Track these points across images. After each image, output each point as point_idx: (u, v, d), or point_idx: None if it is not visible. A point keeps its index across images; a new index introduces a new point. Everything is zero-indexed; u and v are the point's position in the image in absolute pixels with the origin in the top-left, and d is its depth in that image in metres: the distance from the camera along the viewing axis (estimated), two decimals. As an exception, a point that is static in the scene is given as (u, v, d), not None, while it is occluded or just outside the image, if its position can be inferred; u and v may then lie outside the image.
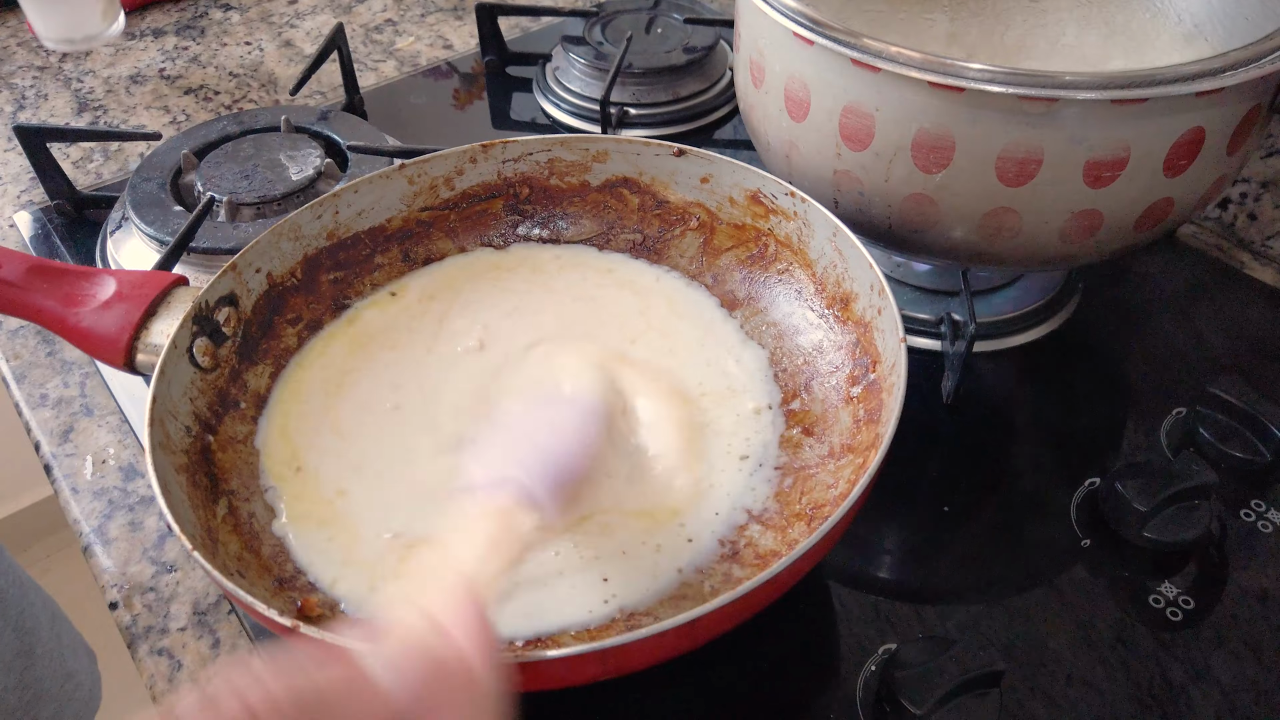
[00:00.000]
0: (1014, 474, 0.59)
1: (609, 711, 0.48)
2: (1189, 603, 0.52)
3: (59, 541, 1.75)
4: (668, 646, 0.39)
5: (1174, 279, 0.71)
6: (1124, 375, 0.65)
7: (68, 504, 0.59)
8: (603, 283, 0.62)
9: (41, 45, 1.01)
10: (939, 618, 0.51)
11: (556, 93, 0.89)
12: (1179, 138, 0.51)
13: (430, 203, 0.63)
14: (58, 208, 0.78)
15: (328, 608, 0.46)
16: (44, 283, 0.52)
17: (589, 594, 0.46)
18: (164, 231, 0.68)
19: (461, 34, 1.02)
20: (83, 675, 0.80)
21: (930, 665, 0.45)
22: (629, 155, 0.62)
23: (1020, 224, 0.54)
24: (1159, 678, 0.49)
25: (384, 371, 0.56)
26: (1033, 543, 0.55)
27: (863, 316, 0.54)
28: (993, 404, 0.63)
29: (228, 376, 0.54)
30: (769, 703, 0.48)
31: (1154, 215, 0.54)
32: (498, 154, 0.62)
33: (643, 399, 0.54)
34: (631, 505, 0.49)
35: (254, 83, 0.95)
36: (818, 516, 0.49)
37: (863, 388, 0.53)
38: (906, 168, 0.53)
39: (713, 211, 0.62)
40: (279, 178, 0.71)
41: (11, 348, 0.69)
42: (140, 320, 0.52)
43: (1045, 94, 0.48)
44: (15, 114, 0.92)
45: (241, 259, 0.55)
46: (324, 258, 0.60)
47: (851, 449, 0.51)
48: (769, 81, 0.58)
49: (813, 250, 0.58)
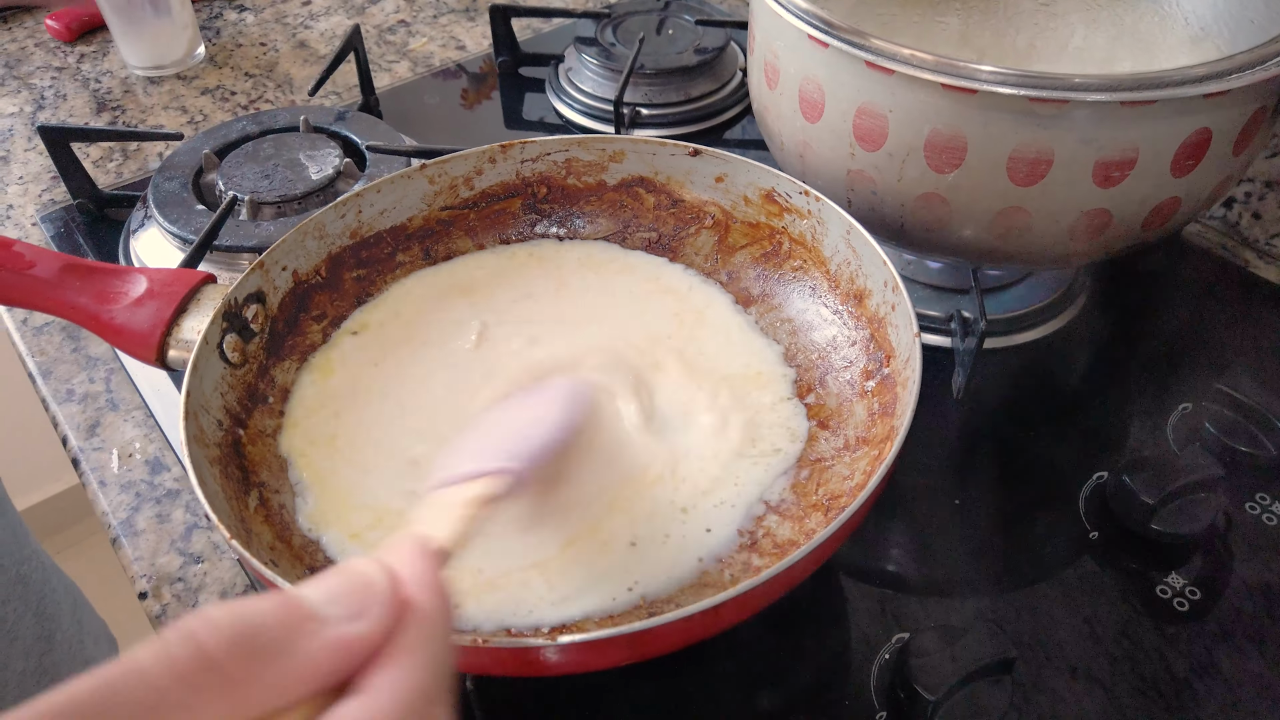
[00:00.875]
0: (1023, 468, 0.60)
1: (624, 699, 0.49)
2: (1195, 593, 0.53)
3: (83, 531, 1.78)
4: (693, 631, 0.40)
5: (1180, 278, 0.72)
6: (1130, 372, 0.66)
7: (96, 497, 0.61)
8: (622, 279, 0.63)
9: (59, 46, 1.03)
10: (946, 612, 0.52)
11: (569, 93, 0.90)
12: (1186, 138, 0.52)
13: (450, 202, 0.64)
14: (80, 206, 0.79)
15: None
16: (77, 280, 0.53)
17: (612, 582, 0.47)
18: (187, 230, 0.69)
19: (474, 35, 1.03)
20: (102, 661, 0.81)
21: (944, 653, 0.46)
22: (645, 155, 0.63)
23: (1030, 223, 0.55)
24: (1163, 671, 0.50)
25: (407, 367, 0.57)
26: (1041, 535, 0.56)
27: (876, 312, 0.55)
28: (1002, 399, 0.64)
29: (256, 372, 0.55)
30: (783, 691, 0.49)
31: (1161, 214, 0.55)
32: (516, 154, 0.64)
33: (661, 392, 0.55)
34: (649, 496, 0.50)
35: (270, 83, 0.97)
36: (834, 507, 0.50)
37: (877, 382, 0.54)
38: (919, 168, 0.54)
39: (727, 210, 0.63)
40: (299, 177, 0.73)
41: (37, 344, 0.70)
42: (172, 317, 0.53)
43: (1056, 96, 0.49)
44: (35, 114, 0.93)
45: (269, 257, 0.56)
46: (347, 256, 0.61)
47: (866, 441, 0.53)
48: (783, 83, 0.59)
49: (826, 248, 0.59)
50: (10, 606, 0.70)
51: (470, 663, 0.41)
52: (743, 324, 0.60)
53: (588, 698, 0.49)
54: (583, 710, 0.49)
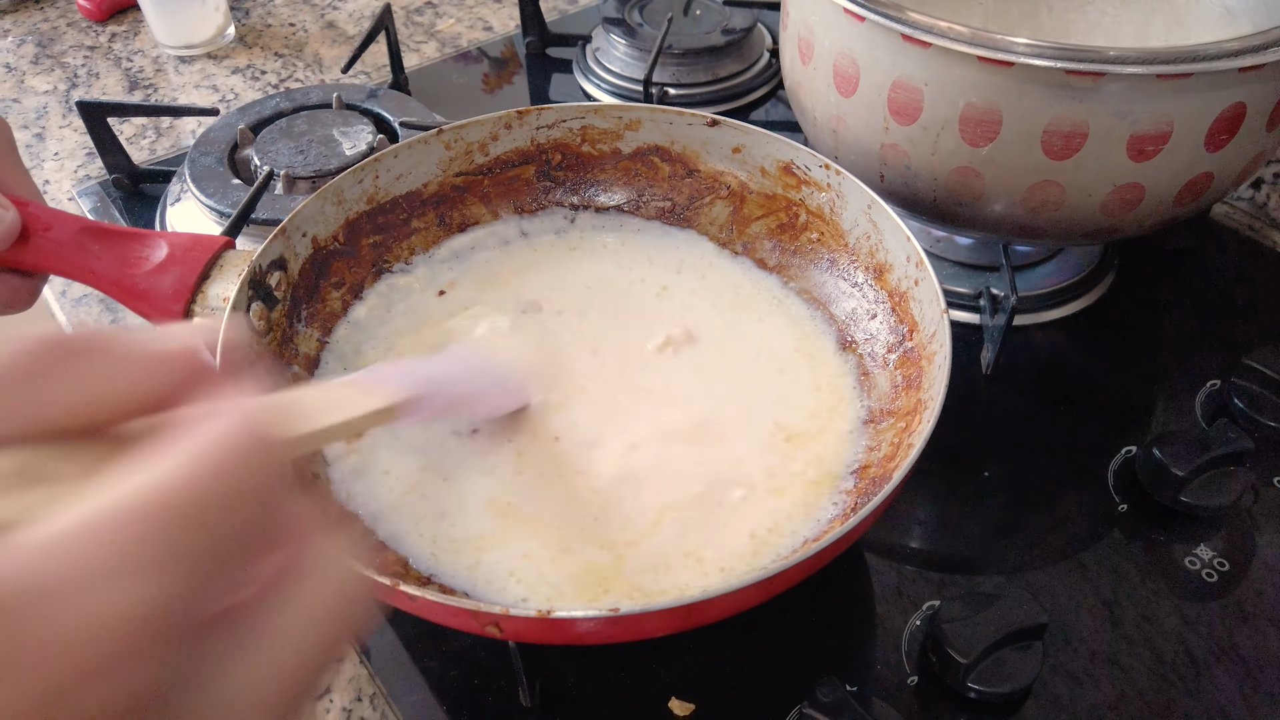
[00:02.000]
0: (1051, 442, 0.61)
1: (666, 666, 0.50)
2: (1224, 565, 0.53)
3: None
4: (746, 600, 0.40)
5: (1208, 258, 0.73)
6: (1159, 349, 0.66)
7: (136, 463, 0.62)
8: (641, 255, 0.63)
9: (90, 25, 1.04)
10: (974, 584, 0.53)
11: (597, 73, 0.91)
12: (1221, 112, 0.52)
13: (465, 168, 0.64)
14: (115, 181, 0.80)
15: (401, 566, 0.48)
16: (95, 244, 0.52)
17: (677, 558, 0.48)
18: (224, 203, 0.70)
19: (500, 16, 1.04)
20: None
21: (976, 618, 0.47)
22: (661, 124, 0.64)
23: (1064, 197, 0.55)
24: (1190, 644, 0.50)
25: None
26: (1069, 508, 0.57)
27: (898, 286, 0.56)
28: (1031, 375, 0.64)
29: (279, 340, 0.55)
30: (816, 658, 0.50)
31: (1194, 189, 0.56)
32: (532, 120, 0.64)
33: (695, 368, 0.56)
34: (694, 471, 0.51)
35: (299, 63, 0.98)
36: (862, 477, 0.51)
37: (899, 355, 0.54)
38: (954, 141, 0.55)
39: (744, 181, 0.63)
40: (333, 152, 0.73)
41: (76, 314, 0.71)
42: (196, 283, 0.52)
43: (1092, 68, 0.50)
44: (69, 92, 0.94)
45: (290, 223, 0.56)
46: (364, 221, 0.61)
47: (891, 413, 0.53)
48: (817, 57, 0.60)
49: (845, 221, 0.59)
50: None
51: (526, 632, 0.42)
52: (768, 286, 0.61)
53: (621, 661, 0.50)
54: (619, 672, 0.49)
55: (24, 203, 0.51)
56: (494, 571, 0.47)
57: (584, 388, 0.55)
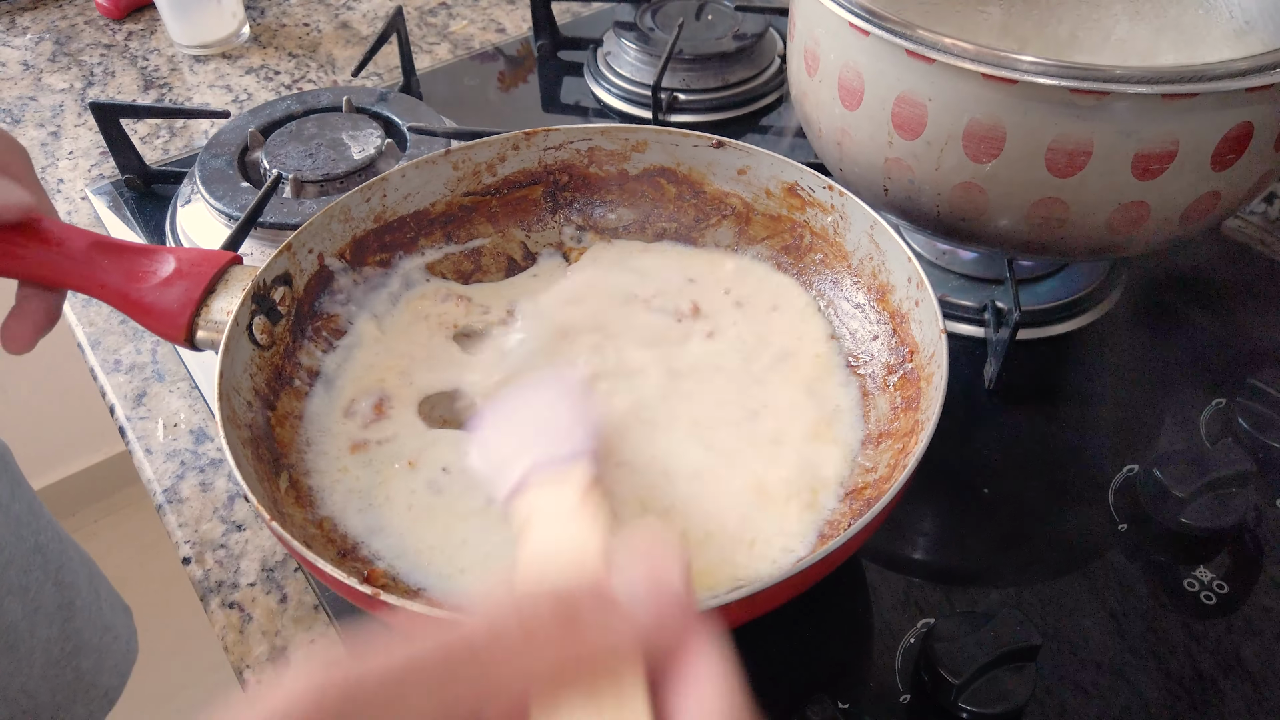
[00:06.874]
0: (1053, 459, 0.60)
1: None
2: (1223, 587, 0.53)
3: (102, 510, 1.81)
4: (731, 617, 0.41)
5: (1217, 272, 0.72)
6: (1164, 366, 0.66)
7: (141, 465, 0.62)
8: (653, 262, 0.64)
9: (108, 23, 1.05)
10: (972, 601, 0.53)
11: (607, 77, 0.91)
12: (1227, 132, 0.51)
13: (473, 188, 0.64)
14: (128, 182, 0.81)
15: (390, 579, 0.48)
16: (105, 259, 0.53)
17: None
18: (232, 206, 0.70)
19: (513, 18, 1.04)
20: (120, 628, 0.82)
21: (969, 638, 0.47)
22: (668, 146, 0.64)
23: (1068, 214, 0.55)
24: (1189, 668, 0.50)
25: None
26: (1070, 526, 0.56)
27: (899, 307, 0.56)
28: (1034, 390, 0.64)
29: (283, 354, 0.56)
30: (809, 673, 0.50)
31: (1200, 208, 0.55)
32: (540, 142, 0.64)
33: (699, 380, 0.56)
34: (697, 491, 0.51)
35: (312, 64, 0.98)
36: (858, 498, 0.51)
37: (900, 376, 0.54)
38: (957, 157, 0.55)
39: (749, 202, 0.63)
40: (341, 156, 0.74)
41: (86, 315, 0.72)
42: (201, 297, 0.53)
43: (1097, 87, 0.49)
44: (84, 90, 0.95)
45: (296, 239, 0.57)
46: (371, 240, 0.61)
47: (889, 434, 0.53)
48: (823, 70, 0.59)
49: (849, 243, 0.59)
50: (31, 575, 0.71)
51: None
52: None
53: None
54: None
55: (36, 218, 0.52)
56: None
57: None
